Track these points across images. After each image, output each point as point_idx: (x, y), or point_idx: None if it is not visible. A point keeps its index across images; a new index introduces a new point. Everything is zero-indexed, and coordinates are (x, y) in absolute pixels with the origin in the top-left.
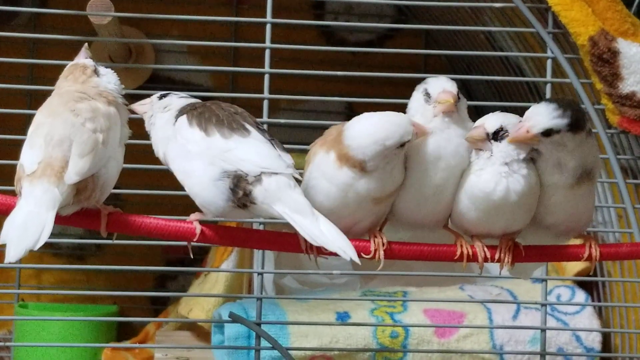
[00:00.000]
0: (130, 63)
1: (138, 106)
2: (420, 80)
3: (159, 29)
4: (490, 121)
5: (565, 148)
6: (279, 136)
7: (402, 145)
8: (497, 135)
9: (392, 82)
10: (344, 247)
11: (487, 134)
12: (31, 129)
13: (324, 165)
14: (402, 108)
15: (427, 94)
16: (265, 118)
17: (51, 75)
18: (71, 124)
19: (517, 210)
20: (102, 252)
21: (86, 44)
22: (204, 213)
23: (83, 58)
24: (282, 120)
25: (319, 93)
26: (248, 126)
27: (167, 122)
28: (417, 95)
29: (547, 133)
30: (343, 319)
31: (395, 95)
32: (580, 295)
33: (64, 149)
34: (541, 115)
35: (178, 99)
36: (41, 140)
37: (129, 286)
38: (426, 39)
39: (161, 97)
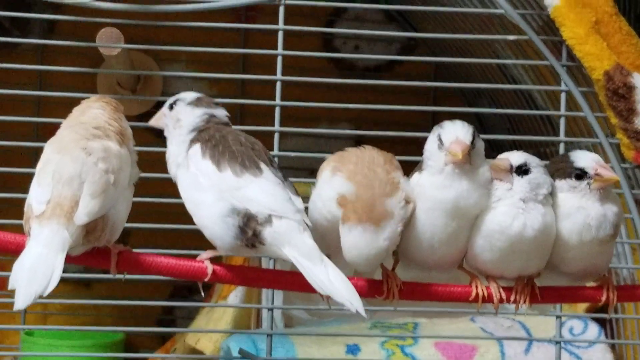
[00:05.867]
0: (138, 88)
1: (156, 122)
2: (428, 113)
3: (168, 53)
4: (516, 156)
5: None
6: (286, 162)
7: None
8: (520, 169)
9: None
10: (351, 299)
11: (511, 167)
12: (39, 165)
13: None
14: (407, 141)
15: (440, 140)
16: (276, 150)
17: (59, 100)
18: (82, 162)
19: (533, 249)
20: (108, 279)
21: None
22: (216, 248)
23: None
24: (292, 154)
25: (328, 118)
26: (262, 165)
27: (181, 143)
28: (432, 138)
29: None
30: (353, 351)
31: (404, 121)
32: (593, 328)
33: (74, 188)
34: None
35: (187, 111)
36: (49, 178)
37: (136, 313)
38: (436, 64)
39: (171, 106)
